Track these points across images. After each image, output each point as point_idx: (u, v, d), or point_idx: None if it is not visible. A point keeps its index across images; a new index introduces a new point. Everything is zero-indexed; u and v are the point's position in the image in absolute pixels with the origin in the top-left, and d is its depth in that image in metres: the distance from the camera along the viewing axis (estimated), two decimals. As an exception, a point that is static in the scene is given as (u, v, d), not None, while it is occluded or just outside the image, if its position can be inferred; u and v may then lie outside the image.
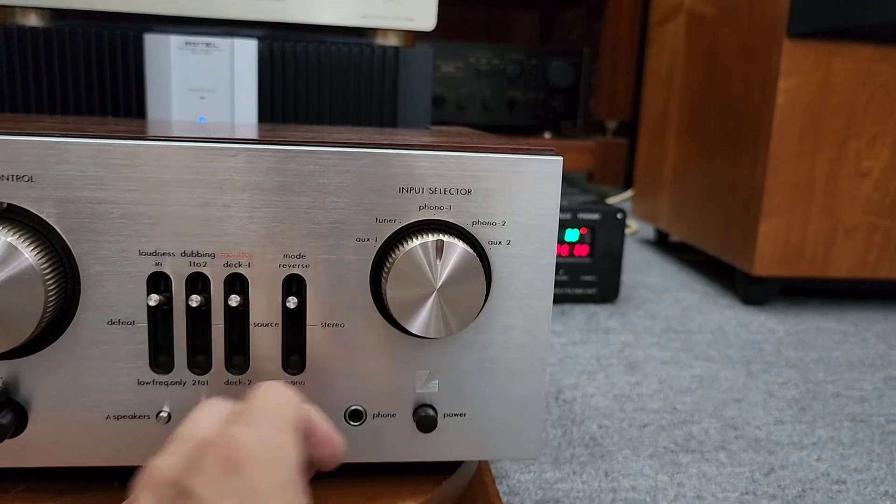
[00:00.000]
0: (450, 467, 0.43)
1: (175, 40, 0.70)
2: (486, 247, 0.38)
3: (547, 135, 1.73)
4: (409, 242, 0.36)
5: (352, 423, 0.39)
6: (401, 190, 0.37)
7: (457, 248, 0.36)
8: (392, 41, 0.74)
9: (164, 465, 0.28)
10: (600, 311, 0.97)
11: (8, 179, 0.35)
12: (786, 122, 0.97)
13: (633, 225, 1.58)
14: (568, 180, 1.40)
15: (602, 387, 0.72)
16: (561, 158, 0.38)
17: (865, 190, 1.00)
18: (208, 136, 0.36)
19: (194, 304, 0.36)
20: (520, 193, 0.38)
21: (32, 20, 0.69)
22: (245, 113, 0.74)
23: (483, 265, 0.38)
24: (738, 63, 1.08)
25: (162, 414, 0.38)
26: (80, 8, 0.68)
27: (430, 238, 0.36)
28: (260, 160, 0.36)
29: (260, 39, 0.70)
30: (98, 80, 0.69)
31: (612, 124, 1.83)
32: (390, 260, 0.37)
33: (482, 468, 0.50)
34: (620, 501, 0.52)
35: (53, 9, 0.68)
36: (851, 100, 0.97)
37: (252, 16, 0.71)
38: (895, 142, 0.99)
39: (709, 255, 1.16)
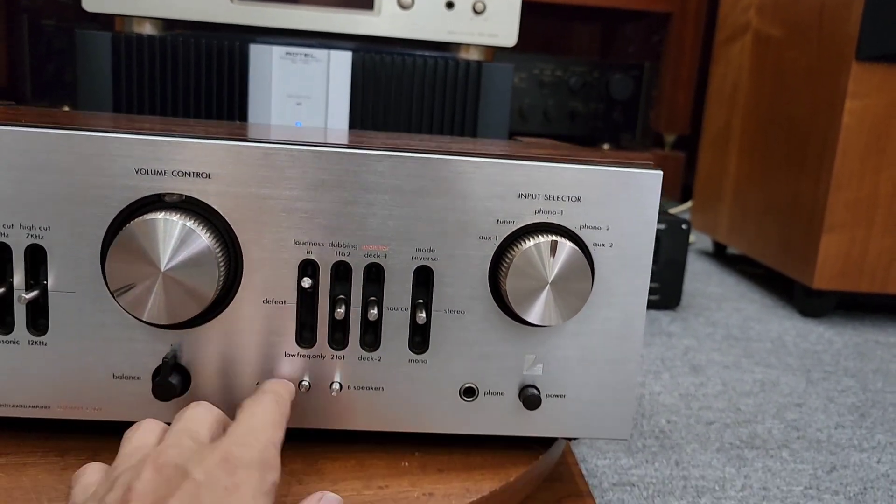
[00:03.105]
0: (543, 445, 0.49)
1: (277, 50, 0.77)
2: (592, 248, 0.43)
3: (606, 146, 1.77)
4: (527, 242, 0.42)
5: (466, 398, 0.45)
6: (520, 195, 0.42)
7: (567, 248, 0.42)
8: (474, 55, 0.80)
9: (169, 451, 0.33)
10: (662, 317, 1.01)
11: (190, 175, 0.41)
12: (851, 142, 1.00)
13: (691, 236, 1.62)
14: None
15: (668, 386, 0.76)
16: (661, 172, 0.43)
17: (927, 210, 1.02)
18: (359, 144, 0.42)
19: (339, 311, 0.42)
20: (623, 202, 0.43)
21: (147, 29, 0.76)
22: (337, 119, 0.80)
23: (589, 264, 0.43)
24: (804, 83, 1.11)
25: (304, 383, 0.44)
26: (191, 19, 0.75)
27: (545, 239, 0.41)
28: (402, 166, 0.41)
29: (354, 51, 0.76)
30: (205, 86, 0.76)
31: (670, 138, 1.87)
32: (509, 256, 0.42)
33: (565, 451, 0.55)
34: (691, 489, 0.57)
35: (166, 19, 0.75)
36: (917, 121, 1.00)
37: (348, 29, 0.77)
38: (959, 164, 1.02)
39: (767, 267, 1.19)
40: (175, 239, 0.39)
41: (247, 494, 0.33)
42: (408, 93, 0.78)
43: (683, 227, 1.01)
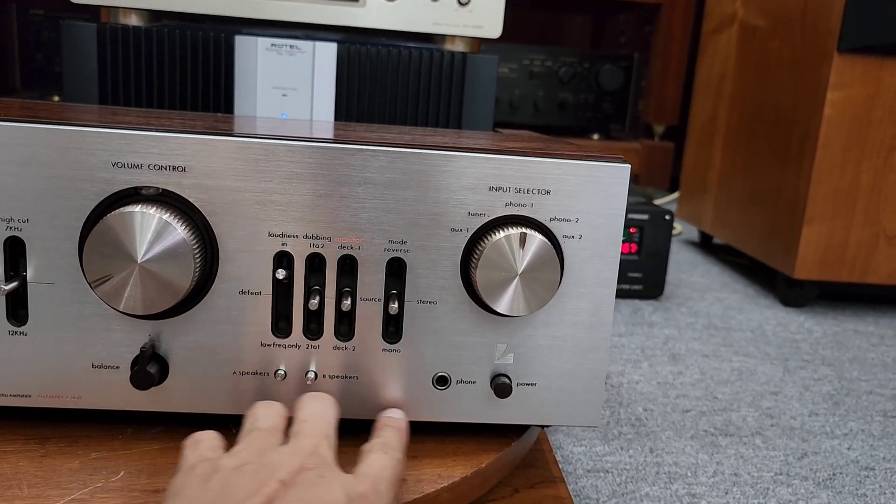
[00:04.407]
0: (516, 432, 0.50)
1: (262, 42, 0.77)
2: (561, 240, 0.44)
3: (595, 136, 1.77)
4: (497, 234, 0.43)
5: (438, 387, 0.46)
6: (491, 188, 0.43)
7: (536, 240, 0.42)
8: (459, 47, 0.80)
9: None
10: (645, 307, 1.02)
11: (165, 169, 0.42)
12: (832, 133, 1.01)
13: (677, 226, 1.63)
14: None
15: (646, 374, 0.78)
16: (629, 166, 0.44)
17: (908, 200, 1.04)
18: (332, 138, 0.43)
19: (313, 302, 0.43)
20: (592, 195, 0.44)
21: (133, 20, 0.76)
22: (323, 110, 0.80)
23: (558, 255, 0.44)
24: (788, 74, 1.12)
25: (279, 372, 0.45)
26: (177, 10, 0.75)
27: (515, 231, 0.42)
28: (374, 159, 0.42)
29: (339, 43, 0.76)
30: (191, 77, 0.76)
31: (659, 128, 1.87)
32: (479, 248, 0.43)
33: (541, 438, 0.56)
34: (664, 475, 0.58)
35: (152, 10, 0.76)
36: (898, 113, 1.01)
37: (333, 20, 0.77)
38: (939, 155, 1.03)
39: (751, 257, 1.20)
40: (151, 232, 0.40)
41: None
42: (393, 84, 0.78)
43: (667, 217, 1.02)
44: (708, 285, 1.17)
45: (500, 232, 0.43)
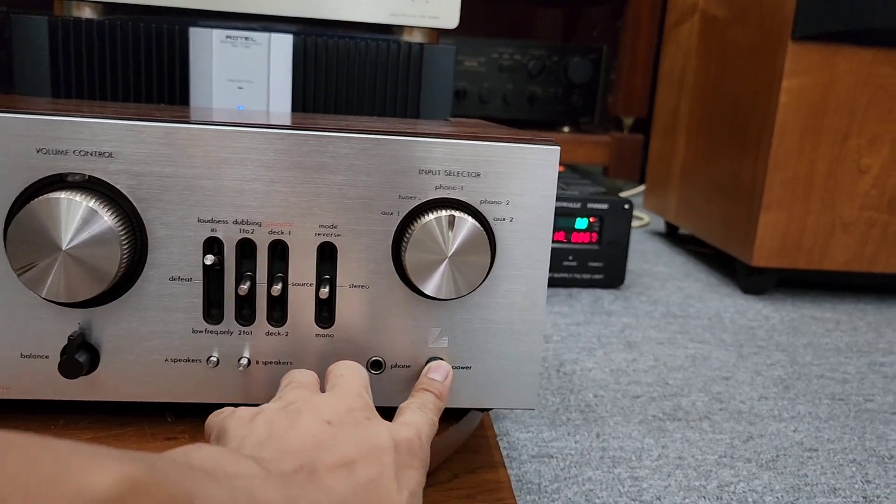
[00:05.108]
0: (454, 417, 0.50)
1: (217, 34, 0.76)
2: (492, 222, 0.44)
3: (565, 129, 1.78)
4: (426, 216, 0.43)
5: (373, 371, 0.46)
6: (421, 172, 0.43)
7: (467, 223, 0.43)
8: (417, 38, 0.80)
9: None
10: (605, 296, 1.03)
11: (91, 155, 0.41)
12: (788, 121, 1.02)
13: (644, 217, 1.64)
14: (582, 173, 1.46)
15: (600, 362, 0.78)
16: (558, 148, 0.44)
17: (864, 186, 1.05)
18: (260, 123, 0.42)
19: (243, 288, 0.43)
20: (522, 177, 0.44)
21: (86, 13, 0.75)
22: (280, 102, 0.80)
23: (489, 238, 0.44)
24: (746, 63, 1.13)
25: (212, 358, 0.45)
26: (130, 2, 0.74)
27: (444, 213, 0.42)
28: (303, 143, 0.42)
29: (295, 34, 0.76)
30: (145, 70, 0.75)
31: (628, 120, 1.88)
32: (410, 231, 0.43)
33: (485, 423, 0.56)
34: (608, 459, 0.58)
35: (105, 2, 0.75)
36: (853, 100, 1.02)
37: (289, 12, 0.77)
38: (894, 141, 1.04)
39: (714, 247, 1.21)
40: (78, 219, 0.40)
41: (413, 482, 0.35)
42: (350, 76, 0.78)
43: (626, 207, 1.03)
44: (670, 275, 1.18)
45: (430, 214, 0.43)
